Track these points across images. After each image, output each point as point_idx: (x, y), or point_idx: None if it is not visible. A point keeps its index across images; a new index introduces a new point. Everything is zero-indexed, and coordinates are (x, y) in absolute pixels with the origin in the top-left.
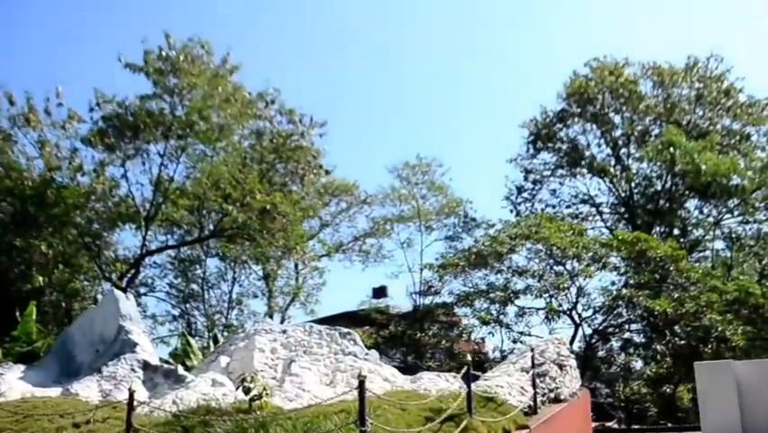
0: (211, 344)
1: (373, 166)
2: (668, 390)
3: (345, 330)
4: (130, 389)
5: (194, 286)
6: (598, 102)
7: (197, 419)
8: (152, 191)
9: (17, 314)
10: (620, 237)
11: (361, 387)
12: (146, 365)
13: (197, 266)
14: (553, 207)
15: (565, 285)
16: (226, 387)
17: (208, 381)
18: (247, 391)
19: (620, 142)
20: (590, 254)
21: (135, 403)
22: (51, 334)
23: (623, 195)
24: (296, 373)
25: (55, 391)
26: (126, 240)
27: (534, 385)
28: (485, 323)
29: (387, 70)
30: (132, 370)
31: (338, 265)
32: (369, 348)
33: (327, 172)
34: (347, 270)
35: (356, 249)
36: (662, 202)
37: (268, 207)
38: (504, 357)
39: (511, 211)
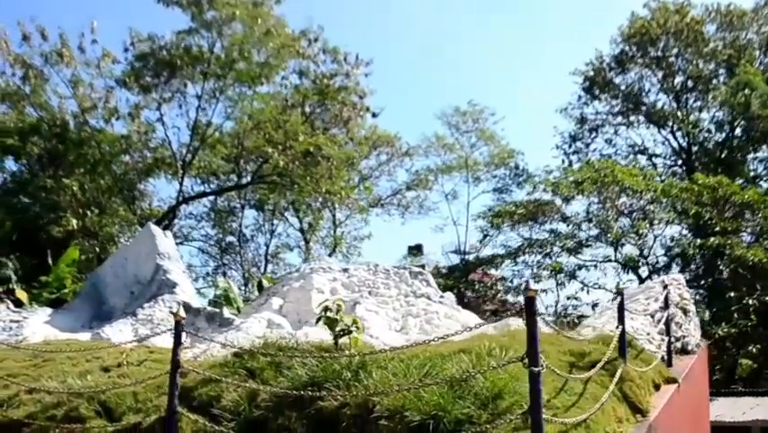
0: (255, 291)
1: (414, 115)
2: (752, 349)
3: (416, 269)
4: (176, 313)
5: (230, 238)
6: (660, 44)
7: (266, 359)
8: (189, 135)
9: (50, 260)
10: (700, 181)
11: (530, 306)
12: (187, 308)
13: (234, 217)
14: (609, 156)
15: (643, 230)
16: (285, 329)
17: (263, 321)
18: (332, 324)
19: (682, 89)
20: (668, 200)
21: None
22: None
23: (682, 145)
24: (361, 317)
25: (84, 336)
26: (162, 191)
27: (668, 332)
28: (558, 272)
29: (430, 18)
30: (171, 313)
31: (377, 219)
32: None
33: (374, 115)
34: (386, 223)
35: (395, 203)
36: (725, 153)
37: (311, 149)
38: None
39: (563, 161)
